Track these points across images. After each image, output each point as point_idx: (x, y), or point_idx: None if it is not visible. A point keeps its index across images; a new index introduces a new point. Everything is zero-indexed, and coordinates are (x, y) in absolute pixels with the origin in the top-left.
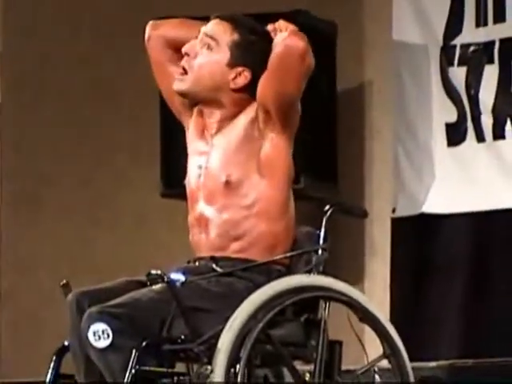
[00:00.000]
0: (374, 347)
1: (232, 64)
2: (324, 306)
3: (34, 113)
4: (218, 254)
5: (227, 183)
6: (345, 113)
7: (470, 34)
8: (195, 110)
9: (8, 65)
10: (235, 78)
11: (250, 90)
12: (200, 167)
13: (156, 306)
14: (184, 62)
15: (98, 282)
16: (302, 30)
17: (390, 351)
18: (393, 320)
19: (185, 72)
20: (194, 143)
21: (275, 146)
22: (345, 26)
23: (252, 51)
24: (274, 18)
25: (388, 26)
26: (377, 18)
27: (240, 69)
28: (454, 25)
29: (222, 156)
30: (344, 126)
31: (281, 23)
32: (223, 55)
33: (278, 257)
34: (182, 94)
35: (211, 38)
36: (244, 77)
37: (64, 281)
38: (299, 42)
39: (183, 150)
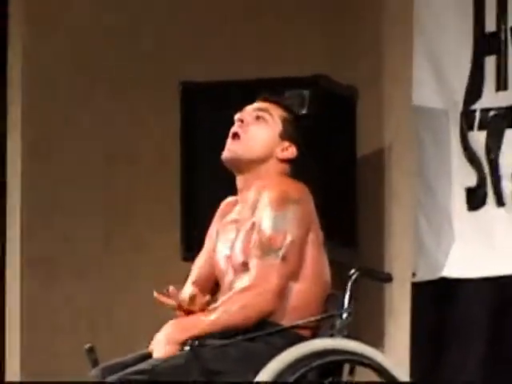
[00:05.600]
0: None
1: (283, 136)
2: (350, 369)
3: (52, 175)
4: None
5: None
6: (365, 176)
7: (490, 99)
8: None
9: (27, 129)
10: (284, 150)
11: (291, 165)
12: (231, 247)
13: (176, 371)
14: (236, 128)
15: (117, 345)
16: (322, 95)
17: None
18: None
19: (238, 137)
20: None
21: None
22: (365, 90)
23: (298, 131)
24: (294, 82)
25: (408, 89)
26: (397, 82)
27: (288, 143)
28: (474, 89)
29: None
30: (364, 190)
31: None
32: (276, 127)
33: (301, 321)
34: (231, 160)
35: (264, 110)
36: (292, 151)
37: (88, 345)
38: None
39: (202, 213)
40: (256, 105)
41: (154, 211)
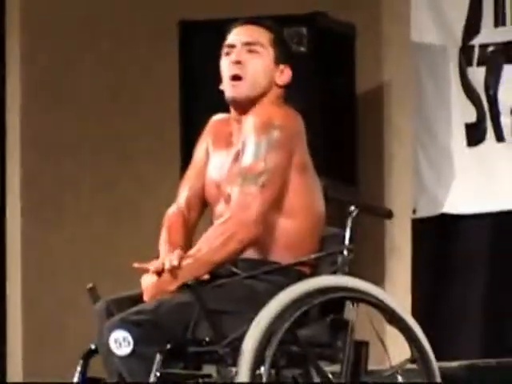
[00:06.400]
0: (395, 348)
1: (277, 61)
2: (351, 307)
3: (55, 117)
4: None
5: None
6: (364, 114)
7: (489, 34)
8: (212, 124)
9: (29, 67)
10: (281, 74)
11: (287, 88)
12: (220, 175)
13: (178, 309)
14: (236, 70)
15: (119, 286)
16: (320, 33)
17: (418, 354)
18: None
19: (239, 79)
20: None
21: None
22: (363, 28)
23: (287, 48)
24: (292, 20)
25: (406, 27)
26: (395, 20)
27: (282, 66)
28: (472, 25)
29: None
30: (363, 127)
31: None
32: (270, 55)
33: (302, 259)
34: (240, 101)
35: (253, 43)
36: (287, 73)
37: (90, 284)
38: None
39: None
40: (242, 39)
41: (156, 150)
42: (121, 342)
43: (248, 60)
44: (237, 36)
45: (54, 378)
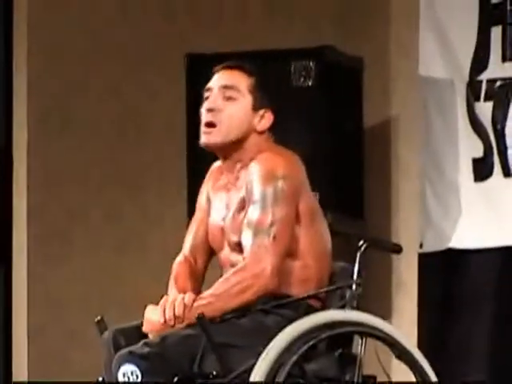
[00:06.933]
0: (401, 382)
1: (256, 107)
2: (360, 341)
3: (62, 146)
4: None
5: None
6: (371, 148)
7: (496, 69)
8: (211, 171)
9: (35, 96)
10: (260, 120)
11: (271, 130)
12: (223, 219)
13: (186, 341)
14: (210, 117)
15: (127, 317)
16: (328, 66)
17: None
18: None
19: (213, 126)
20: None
21: None
22: (371, 61)
23: (267, 91)
24: (300, 53)
25: (414, 60)
26: (403, 53)
27: (262, 111)
28: (480, 60)
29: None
30: (370, 162)
31: None
32: (247, 101)
33: (311, 292)
34: (213, 147)
35: (231, 88)
36: (268, 117)
37: (99, 317)
38: None
39: None
40: (221, 82)
41: (163, 183)
42: (129, 376)
43: (223, 106)
44: (216, 80)
45: None
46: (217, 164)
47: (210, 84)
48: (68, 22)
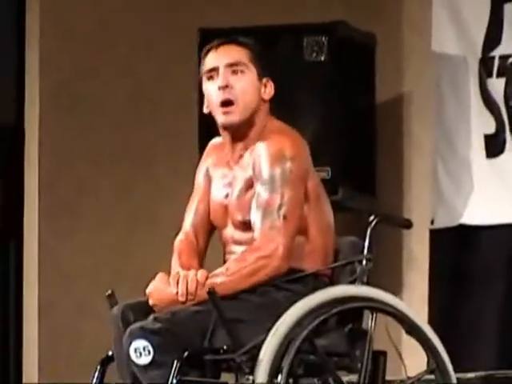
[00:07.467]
0: (411, 358)
1: (260, 77)
2: (370, 316)
3: (73, 123)
4: None
5: None
6: (384, 124)
7: (509, 46)
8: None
9: (47, 73)
10: (265, 89)
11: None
12: (226, 196)
13: (196, 317)
14: (226, 95)
15: (137, 292)
16: (340, 42)
17: (436, 365)
18: None
19: (230, 104)
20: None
21: None
22: (384, 38)
23: (264, 60)
24: (312, 28)
25: (427, 36)
26: (416, 29)
27: (265, 79)
28: (492, 36)
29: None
30: (383, 138)
31: None
32: (252, 73)
33: (322, 267)
34: (234, 126)
35: (236, 64)
36: (270, 85)
37: (109, 291)
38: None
39: None
40: (224, 61)
41: (174, 158)
42: (141, 352)
43: (235, 82)
44: (217, 59)
45: None
46: (215, 140)
47: (213, 64)
48: (78, 5)
